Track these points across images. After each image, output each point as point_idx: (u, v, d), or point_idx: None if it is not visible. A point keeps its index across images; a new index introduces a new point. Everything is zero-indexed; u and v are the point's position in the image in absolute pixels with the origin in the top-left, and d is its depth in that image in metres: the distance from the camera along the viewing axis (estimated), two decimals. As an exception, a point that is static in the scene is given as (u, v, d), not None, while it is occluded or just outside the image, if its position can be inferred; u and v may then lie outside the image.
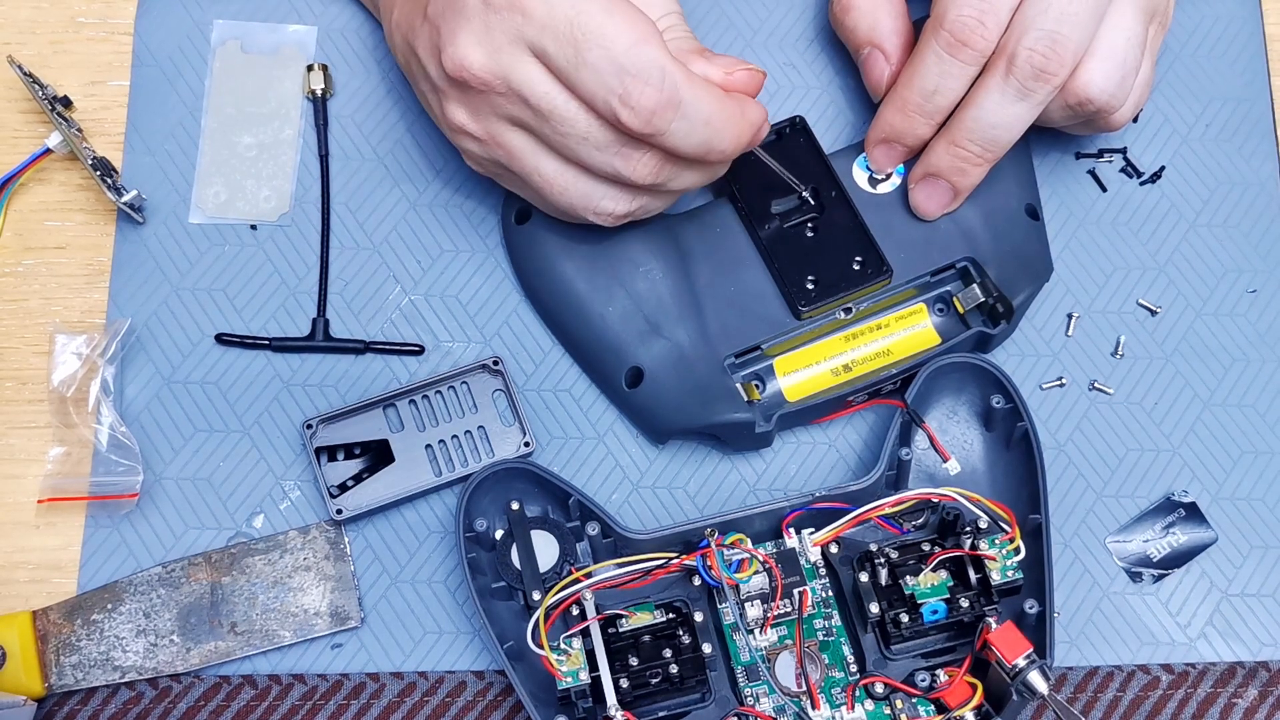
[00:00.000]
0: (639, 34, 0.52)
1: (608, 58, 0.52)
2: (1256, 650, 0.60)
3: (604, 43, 0.52)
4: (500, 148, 0.56)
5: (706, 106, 0.54)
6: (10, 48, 0.66)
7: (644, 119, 0.53)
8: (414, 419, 0.62)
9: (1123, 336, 0.64)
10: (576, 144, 0.55)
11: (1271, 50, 0.69)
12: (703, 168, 0.57)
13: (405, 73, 0.61)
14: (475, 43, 0.53)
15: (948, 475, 0.60)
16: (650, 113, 0.52)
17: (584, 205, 0.57)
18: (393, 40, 0.60)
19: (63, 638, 0.58)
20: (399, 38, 0.59)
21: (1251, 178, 0.67)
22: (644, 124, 0.53)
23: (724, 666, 0.58)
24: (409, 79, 0.61)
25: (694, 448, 0.63)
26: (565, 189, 0.57)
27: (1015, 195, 0.63)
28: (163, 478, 0.61)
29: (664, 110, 0.53)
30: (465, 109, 0.56)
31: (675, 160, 0.55)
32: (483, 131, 0.56)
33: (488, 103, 0.55)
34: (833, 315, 0.61)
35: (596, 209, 0.57)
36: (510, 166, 0.57)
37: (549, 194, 0.57)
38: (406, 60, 0.59)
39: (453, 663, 0.59)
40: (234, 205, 0.65)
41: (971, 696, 0.56)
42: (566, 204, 0.57)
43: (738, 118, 0.55)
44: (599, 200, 0.57)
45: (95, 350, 0.61)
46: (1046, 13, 0.57)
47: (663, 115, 0.53)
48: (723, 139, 0.55)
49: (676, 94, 0.53)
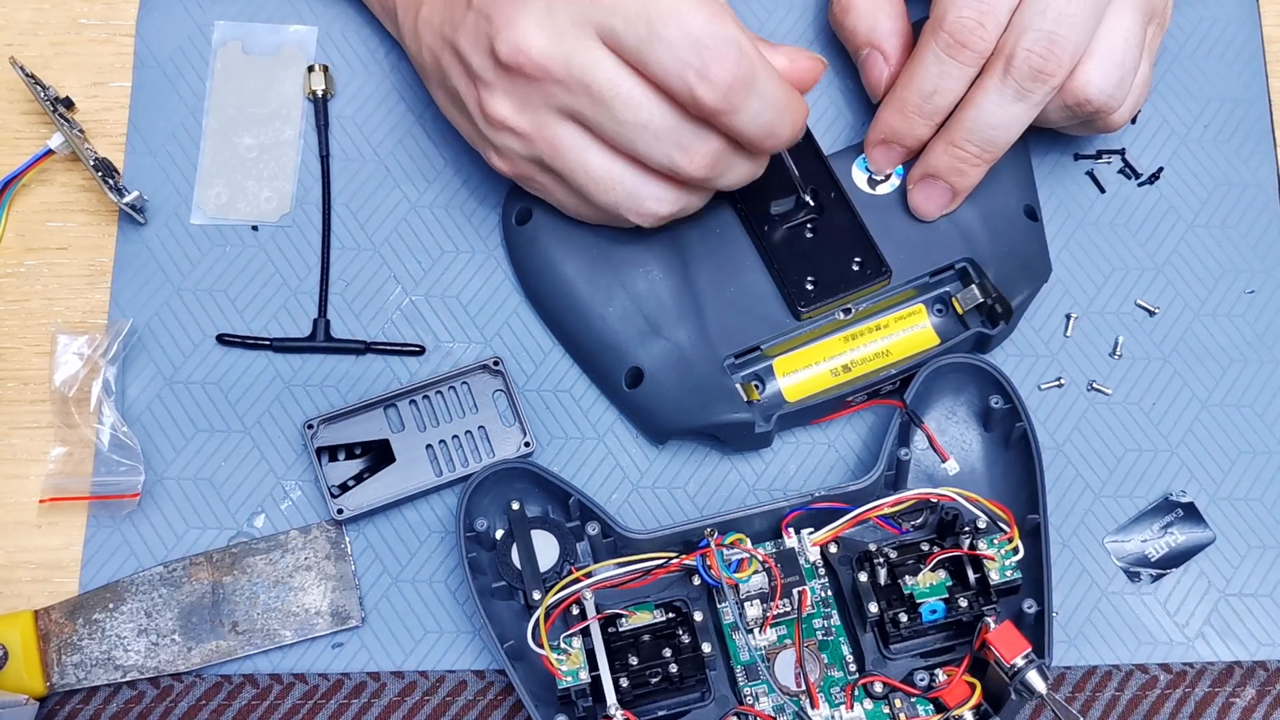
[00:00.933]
0: (714, 9, 0.52)
1: (684, 32, 0.51)
2: (1254, 650, 0.60)
3: (680, 18, 0.51)
4: (545, 142, 0.55)
5: (776, 88, 0.53)
6: (12, 49, 0.67)
7: (721, 93, 0.52)
8: (414, 419, 0.62)
9: (1121, 337, 0.65)
10: (635, 133, 0.54)
11: (1269, 52, 0.69)
12: (752, 160, 0.56)
13: (426, 72, 0.60)
14: (536, 26, 0.53)
15: (946, 475, 0.60)
16: (728, 87, 0.52)
17: (629, 204, 0.56)
18: (418, 38, 0.59)
19: (64, 637, 0.59)
20: (429, 34, 0.58)
21: (1249, 179, 0.67)
22: (720, 98, 0.52)
23: (723, 666, 0.58)
24: (430, 79, 0.60)
25: (694, 448, 0.63)
26: (612, 186, 0.56)
27: (1014, 196, 0.63)
28: (164, 477, 0.61)
29: (741, 85, 0.52)
30: (512, 101, 0.55)
31: (732, 150, 0.55)
32: (529, 125, 0.55)
33: (540, 92, 0.54)
34: (832, 316, 0.62)
35: (640, 209, 0.57)
36: (553, 163, 0.56)
37: (593, 191, 0.56)
38: (436, 56, 0.58)
39: (453, 662, 0.60)
40: (235, 206, 0.65)
41: (970, 696, 0.56)
42: (611, 202, 0.56)
43: (798, 104, 0.55)
44: (645, 199, 0.56)
45: (97, 350, 0.61)
46: (1045, 14, 0.57)
47: (739, 91, 0.52)
48: (784, 124, 0.54)
49: (753, 69, 0.52)
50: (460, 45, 0.55)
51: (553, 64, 0.53)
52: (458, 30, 0.55)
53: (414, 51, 0.60)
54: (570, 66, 0.53)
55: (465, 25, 0.55)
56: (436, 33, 0.57)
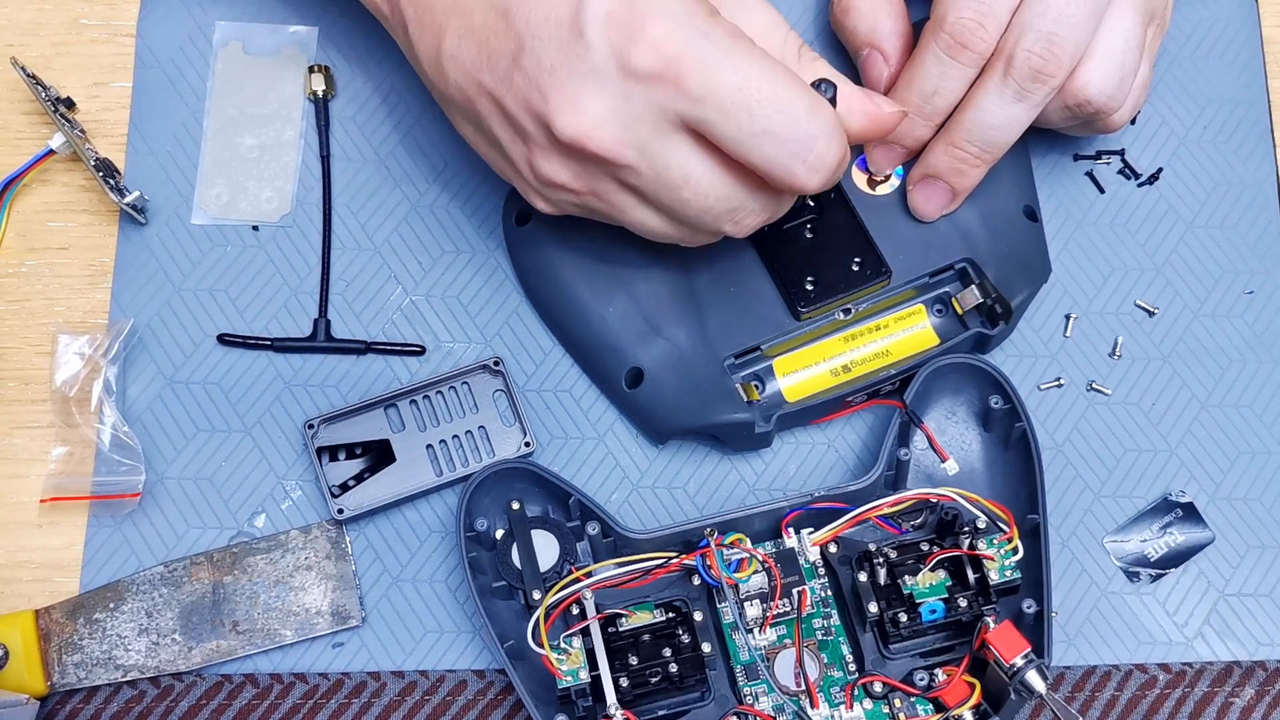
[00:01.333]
0: (811, 95, 0.51)
1: (791, 126, 0.50)
2: (1253, 649, 0.61)
3: (785, 110, 0.50)
4: (601, 201, 0.54)
5: (848, 153, 0.53)
6: (13, 49, 0.67)
7: (826, 178, 0.51)
8: (415, 419, 0.62)
9: (1120, 337, 0.65)
10: (697, 213, 0.53)
11: (1269, 52, 0.69)
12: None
13: (451, 105, 0.56)
14: (607, 113, 0.50)
15: (946, 475, 0.60)
16: (833, 172, 0.51)
17: (675, 240, 0.56)
18: (442, 72, 0.54)
19: (65, 637, 0.59)
20: (456, 72, 0.53)
21: (1249, 179, 0.67)
22: (826, 182, 0.52)
23: (723, 665, 0.58)
24: (455, 113, 0.56)
25: (694, 448, 0.63)
26: (662, 236, 0.55)
27: (1014, 196, 0.63)
28: (165, 477, 0.61)
29: (843, 165, 0.52)
30: (569, 170, 0.52)
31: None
32: (585, 187, 0.53)
33: (603, 169, 0.52)
34: (832, 316, 0.62)
35: (686, 242, 0.57)
36: (604, 215, 0.55)
37: (642, 234, 0.56)
38: (468, 98, 0.54)
39: (453, 662, 0.60)
40: (236, 206, 0.65)
41: (970, 695, 0.56)
42: (657, 239, 0.56)
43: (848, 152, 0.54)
44: (690, 240, 0.56)
45: (98, 350, 0.62)
46: (1045, 15, 0.57)
47: (841, 170, 0.52)
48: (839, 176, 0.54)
49: (847, 148, 0.52)
50: (505, 102, 0.52)
51: (624, 151, 0.50)
52: (501, 85, 0.52)
53: (436, 82, 0.56)
54: (643, 155, 0.51)
55: (512, 85, 0.51)
56: (468, 74, 0.53)
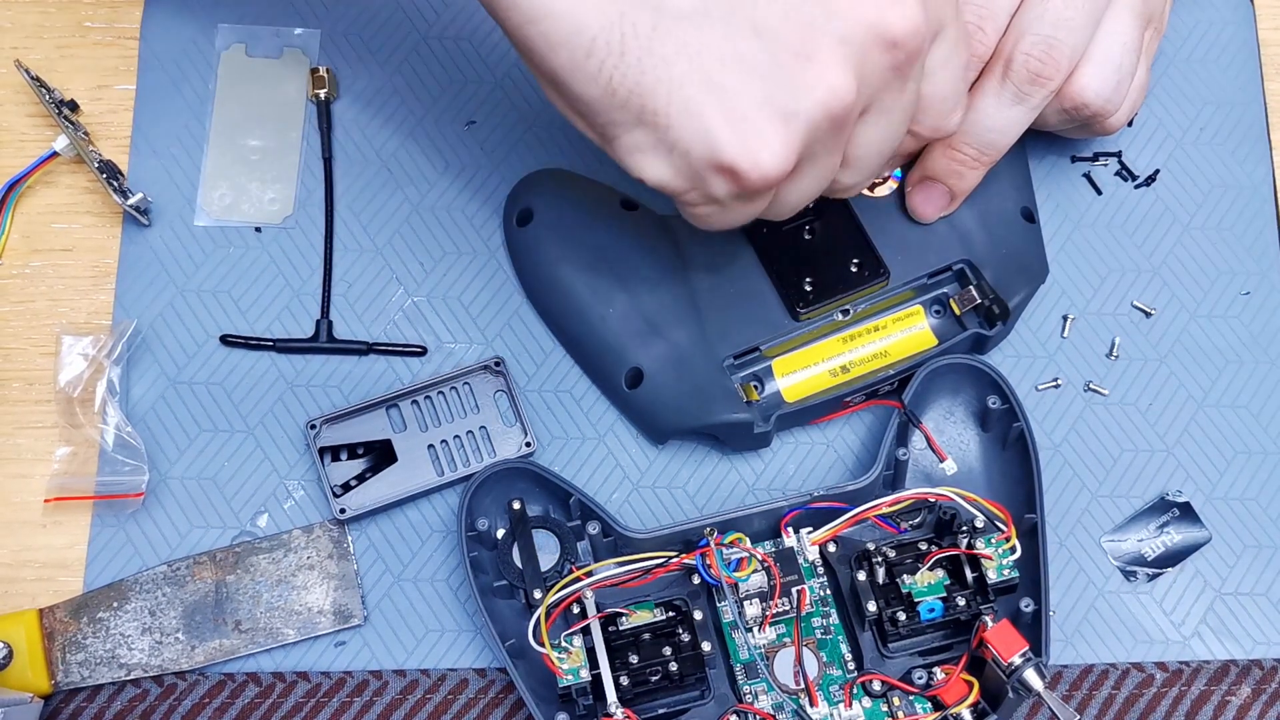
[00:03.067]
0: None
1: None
2: (1250, 648, 0.61)
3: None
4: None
5: None
6: (17, 52, 0.67)
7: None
8: (416, 419, 0.62)
9: (1118, 338, 0.65)
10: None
11: (1265, 55, 0.69)
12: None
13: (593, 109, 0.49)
14: (786, 149, 0.48)
15: (944, 475, 0.60)
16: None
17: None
18: (595, 79, 0.47)
19: (69, 635, 0.59)
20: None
21: (1245, 181, 0.67)
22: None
23: (723, 664, 0.58)
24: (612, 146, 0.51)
25: (694, 448, 0.63)
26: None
27: (1011, 198, 0.64)
28: (168, 477, 0.62)
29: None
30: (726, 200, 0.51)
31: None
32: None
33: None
34: (830, 317, 0.62)
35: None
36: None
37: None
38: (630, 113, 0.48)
39: (455, 660, 0.60)
40: (239, 208, 0.65)
41: (968, 694, 0.56)
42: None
43: None
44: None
45: (101, 351, 0.62)
46: (1043, 18, 0.57)
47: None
48: None
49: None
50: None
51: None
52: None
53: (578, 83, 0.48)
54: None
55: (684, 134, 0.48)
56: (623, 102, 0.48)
